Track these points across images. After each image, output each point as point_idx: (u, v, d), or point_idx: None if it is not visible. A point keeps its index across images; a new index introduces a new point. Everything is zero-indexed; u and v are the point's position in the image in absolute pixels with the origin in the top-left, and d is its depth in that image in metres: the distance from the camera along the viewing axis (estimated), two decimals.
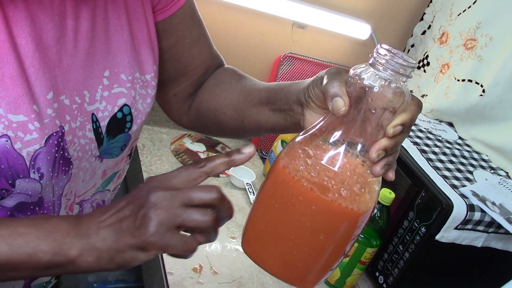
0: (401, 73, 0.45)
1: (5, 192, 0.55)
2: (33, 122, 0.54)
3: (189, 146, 1.41)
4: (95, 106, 0.62)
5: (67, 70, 0.59)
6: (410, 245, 1.03)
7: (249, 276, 1.04)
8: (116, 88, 0.64)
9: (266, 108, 0.69)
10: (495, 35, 1.27)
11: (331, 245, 0.50)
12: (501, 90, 1.22)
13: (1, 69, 0.52)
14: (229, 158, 0.54)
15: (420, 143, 1.17)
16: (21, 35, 0.53)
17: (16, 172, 0.54)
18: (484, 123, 1.28)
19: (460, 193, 1.01)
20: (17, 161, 0.54)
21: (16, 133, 0.53)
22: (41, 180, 0.57)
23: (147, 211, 0.49)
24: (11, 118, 0.52)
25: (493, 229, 1.02)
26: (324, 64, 1.56)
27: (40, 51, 0.55)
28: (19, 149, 0.53)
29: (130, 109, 0.66)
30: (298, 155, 0.49)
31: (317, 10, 1.42)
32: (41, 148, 0.55)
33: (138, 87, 0.67)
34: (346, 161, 0.47)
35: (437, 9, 1.49)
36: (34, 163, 0.55)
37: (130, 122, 0.67)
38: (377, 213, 1.03)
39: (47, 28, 0.56)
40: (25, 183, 0.56)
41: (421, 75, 1.51)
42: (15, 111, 0.53)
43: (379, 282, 1.11)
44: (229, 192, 1.27)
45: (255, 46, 1.47)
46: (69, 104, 0.59)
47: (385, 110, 0.46)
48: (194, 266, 1.01)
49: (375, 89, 0.45)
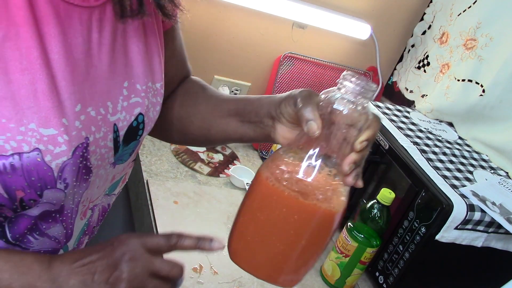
0: (364, 96, 0.54)
1: (33, 202, 0.57)
2: (62, 135, 0.56)
3: (189, 146, 1.40)
4: (117, 117, 0.64)
5: (93, 82, 0.60)
6: (410, 245, 1.03)
7: (249, 276, 1.04)
8: (133, 98, 0.66)
9: (234, 119, 0.75)
10: (495, 35, 1.27)
11: (316, 243, 0.58)
12: (501, 90, 1.22)
13: (34, 85, 0.53)
14: (198, 244, 0.64)
15: (420, 143, 1.16)
16: (53, 50, 0.55)
17: (44, 184, 0.56)
18: (484, 123, 1.28)
19: (460, 193, 1.01)
20: (46, 173, 0.56)
21: (47, 146, 0.55)
22: (65, 189, 0.59)
23: (120, 274, 0.57)
24: (42, 132, 0.54)
25: (493, 229, 1.02)
26: (324, 64, 1.56)
27: (70, 65, 0.57)
28: (48, 161, 0.55)
29: (144, 118, 0.69)
30: (279, 169, 0.56)
31: (317, 10, 1.43)
32: (68, 160, 0.57)
33: (150, 95, 0.69)
34: (321, 172, 0.55)
35: (437, 9, 1.49)
36: (61, 174, 0.57)
37: (142, 130, 0.70)
38: (377, 213, 1.03)
39: (77, 42, 0.58)
40: (51, 193, 0.58)
41: (421, 75, 1.51)
42: (46, 125, 0.54)
43: (379, 282, 1.11)
44: (229, 192, 1.27)
45: (255, 46, 1.47)
46: (95, 115, 0.60)
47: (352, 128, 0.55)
48: (194, 266, 1.01)
49: (344, 111, 0.54)
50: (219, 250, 0.65)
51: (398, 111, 1.30)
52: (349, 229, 1.06)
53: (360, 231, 1.05)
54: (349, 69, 1.60)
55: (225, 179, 1.33)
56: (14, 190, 0.55)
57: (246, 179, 1.31)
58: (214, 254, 1.06)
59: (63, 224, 0.65)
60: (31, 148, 0.53)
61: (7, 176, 0.54)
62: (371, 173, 1.20)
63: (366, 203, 1.06)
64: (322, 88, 1.57)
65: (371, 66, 1.64)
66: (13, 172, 0.53)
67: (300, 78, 1.54)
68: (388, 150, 1.13)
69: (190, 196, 1.20)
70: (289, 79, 1.53)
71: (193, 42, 1.40)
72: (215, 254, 1.06)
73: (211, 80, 1.49)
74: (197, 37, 1.39)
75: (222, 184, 1.30)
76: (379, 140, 1.16)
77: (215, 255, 1.06)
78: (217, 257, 1.05)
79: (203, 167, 1.34)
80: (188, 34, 1.38)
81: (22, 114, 0.53)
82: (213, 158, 1.39)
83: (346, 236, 1.06)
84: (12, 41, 0.52)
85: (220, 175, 1.33)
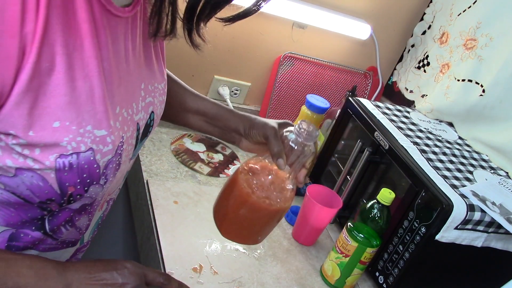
0: (310, 139, 0.79)
1: (79, 197, 0.63)
2: (110, 136, 0.62)
3: (189, 146, 1.40)
4: (139, 116, 0.71)
5: (124, 85, 0.67)
6: (410, 245, 1.03)
7: (249, 276, 1.04)
8: (147, 98, 0.73)
9: (201, 118, 0.91)
10: (495, 35, 1.27)
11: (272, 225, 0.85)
12: (501, 90, 1.22)
13: (92, 91, 0.59)
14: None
15: (420, 143, 1.16)
16: (105, 59, 0.61)
17: (92, 180, 0.63)
18: (484, 123, 1.27)
19: (460, 193, 1.01)
20: (95, 170, 0.62)
21: (98, 146, 0.61)
22: (104, 185, 0.66)
23: None
24: (96, 133, 0.60)
25: (493, 229, 1.02)
26: (324, 64, 1.56)
27: (114, 71, 0.64)
28: (98, 159, 0.62)
29: (154, 115, 0.76)
30: (251, 176, 0.80)
31: (317, 10, 1.43)
32: (112, 158, 0.64)
33: (157, 95, 0.76)
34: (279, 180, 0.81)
35: (437, 9, 1.49)
36: (105, 171, 0.64)
37: (151, 127, 0.77)
38: (377, 213, 1.03)
39: (116, 49, 0.64)
40: (94, 188, 0.64)
41: (421, 75, 1.51)
42: (99, 127, 0.61)
43: (379, 282, 1.11)
44: None
45: (255, 46, 1.47)
46: (126, 116, 0.67)
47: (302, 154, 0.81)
48: (194, 266, 1.01)
49: (296, 147, 0.80)
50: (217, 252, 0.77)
51: (398, 111, 1.30)
52: (349, 229, 1.06)
53: (360, 231, 1.05)
54: (349, 69, 1.60)
55: (225, 179, 1.33)
56: (67, 186, 0.61)
57: None
58: (214, 254, 1.06)
59: (88, 216, 0.72)
60: (87, 148, 0.59)
61: (64, 174, 0.59)
62: (371, 173, 1.20)
63: (366, 203, 1.06)
64: (322, 88, 1.57)
65: (371, 66, 1.64)
66: (70, 170, 0.59)
67: (300, 78, 1.54)
68: (388, 150, 1.13)
69: (190, 196, 1.20)
70: (289, 79, 1.53)
71: None
72: (215, 254, 1.06)
73: (211, 80, 1.49)
74: None
75: (222, 184, 1.30)
76: (379, 140, 1.16)
77: (215, 255, 1.06)
78: (217, 257, 1.05)
79: (203, 167, 1.34)
80: None
81: (82, 117, 0.58)
82: (213, 158, 1.39)
83: (346, 236, 1.06)
84: (78, 51, 0.57)
85: (220, 175, 1.33)
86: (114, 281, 0.65)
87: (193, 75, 1.46)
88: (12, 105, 0.53)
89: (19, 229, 0.64)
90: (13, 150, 0.56)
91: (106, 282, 0.64)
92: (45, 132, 0.56)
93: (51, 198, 0.61)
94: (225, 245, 1.09)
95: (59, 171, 0.59)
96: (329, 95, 1.59)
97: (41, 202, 0.61)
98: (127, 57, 0.67)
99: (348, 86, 1.61)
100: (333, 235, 1.27)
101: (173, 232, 1.07)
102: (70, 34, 0.56)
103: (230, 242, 1.11)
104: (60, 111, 0.56)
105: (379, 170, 1.19)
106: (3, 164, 0.57)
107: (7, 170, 0.58)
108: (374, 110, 1.25)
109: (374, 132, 1.17)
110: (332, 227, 1.30)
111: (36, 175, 0.58)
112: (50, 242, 0.69)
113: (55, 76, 0.55)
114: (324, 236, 1.25)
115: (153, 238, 1.06)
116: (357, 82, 1.63)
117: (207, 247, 1.07)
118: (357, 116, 1.25)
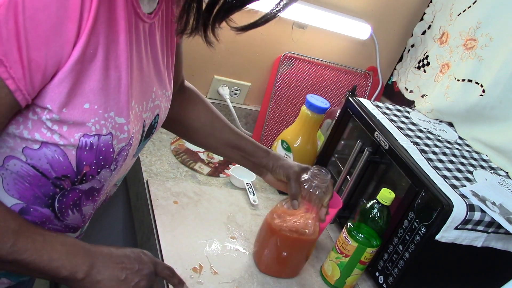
0: (323, 183, 0.99)
1: (91, 178, 0.69)
2: (127, 125, 0.69)
3: (189, 146, 1.40)
4: (146, 115, 0.77)
5: (140, 83, 0.73)
6: (410, 245, 1.03)
7: (249, 276, 1.04)
8: (156, 101, 0.79)
9: (236, 152, 1.05)
10: (495, 35, 1.27)
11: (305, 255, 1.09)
12: (501, 90, 1.22)
13: (120, 81, 0.66)
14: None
15: (420, 143, 1.16)
16: (132, 55, 0.69)
17: (105, 163, 0.69)
18: (484, 123, 1.27)
19: (460, 193, 1.01)
20: (110, 154, 0.68)
21: (116, 132, 0.67)
22: (114, 170, 0.72)
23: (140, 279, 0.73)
24: (117, 120, 0.67)
25: (493, 229, 1.02)
26: (324, 64, 1.56)
27: (136, 68, 0.71)
28: (114, 145, 0.68)
29: (158, 118, 0.82)
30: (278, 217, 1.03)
31: (317, 10, 1.43)
32: (125, 146, 0.70)
33: (164, 100, 0.83)
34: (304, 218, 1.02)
35: (437, 9, 1.49)
36: (118, 157, 0.70)
37: (155, 129, 0.84)
38: (377, 213, 1.03)
39: (138, 50, 0.71)
40: (105, 172, 0.71)
41: (421, 75, 1.51)
42: (120, 115, 0.67)
43: (379, 282, 1.11)
44: (229, 192, 1.27)
45: (255, 46, 1.47)
46: (138, 111, 0.73)
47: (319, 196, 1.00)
48: (194, 266, 1.01)
49: (314, 191, 0.99)
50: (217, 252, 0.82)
51: (398, 111, 1.30)
52: (349, 229, 1.06)
53: (360, 231, 1.05)
54: (349, 69, 1.60)
55: (225, 179, 1.33)
56: (84, 165, 0.67)
57: (246, 179, 1.31)
58: (214, 254, 1.06)
59: (94, 204, 0.77)
60: (107, 131, 0.66)
61: (84, 152, 0.65)
62: (371, 173, 1.20)
63: (366, 203, 1.06)
64: (322, 88, 1.57)
65: (371, 66, 1.64)
66: (90, 149, 0.65)
67: (300, 78, 1.54)
68: (388, 150, 1.13)
69: (190, 196, 1.20)
70: (289, 79, 1.53)
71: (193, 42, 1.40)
72: (215, 254, 1.06)
73: (211, 80, 1.49)
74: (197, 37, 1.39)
75: (222, 184, 1.30)
76: (379, 140, 1.16)
77: (215, 255, 1.06)
78: (217, 257, 1.05)
79: (203, 167, 1.34)
80: None
81: (108, 103, 0.65)
82: (213, 158, 1.39)
83: (346, 236, 1.06)
84: (114, 43, 0.64)
85: (220, 175, 1.33)
86: (131, 266, 0.72)
87: (193, 75, 1.46)
88: (57, 82, 0.59)
89: (30, 204, 0.69)
90: (44, 124, 0.62)
91: (125, 266, 0.72)
92: (76, 111, 0.62)
93: (66, 174, 0.66)
94: (225, 245, 1.09)
95: (80, 149, 0.64)
96: (329, 95, 1.59)
97: (57, 178, 0.67)
98: (147, 59, 0.74)
99: (348, 86, 1.61)
100: (333, 235, 1.27)
101: (173, 232, 1.07)
102: (111, 27, 0.63)
103: (230, 242, 1.11)
104: (92, 94, 0.63)
105: (379, 170, 1.19)
106: (31, 137, 0.62)
107: (33, 142, 0.63)
108: (374, 110, 1.25)
109: (374, 132, 1.17)
110: (332, 227, 1.30)
111: (59, 150, 0.64)
112: (55, 223, 0.74)
113: (95, 63, 0.62)
114: (324, 236, 1.25)
115: (153, 238, 1.06)
116: (357, 82, 1.63)
117: (207, 247, 1.07)
118: (357, 116, 1.25)
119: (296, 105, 1.56)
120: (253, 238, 1.12)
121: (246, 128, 1.58)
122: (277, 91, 1.52)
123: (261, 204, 1.27)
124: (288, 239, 1.01)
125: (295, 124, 1.37)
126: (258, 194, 1.30)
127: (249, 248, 1.11)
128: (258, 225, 1.10)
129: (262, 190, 1.34)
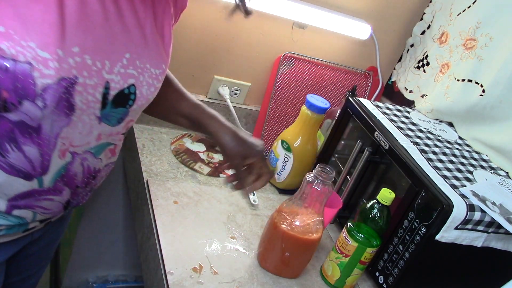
0: (328, 180, 1.01)
1: (13, 107, 0.68)
2: (54, 62, 0.67)
3: (189, 146, 1.40)
4: (111, 77, 0.75)
5: (98, 38, 0.72)
6: (410, 245, 1.03)
7: (249, 276, 1.04)
8: (130, 69, 0.78)
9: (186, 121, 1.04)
10: (495, 35, 1.27)
11: (308, 255, 1.10)
12: (501, 90, 1.22)
13: (44, 14, 0.65)
14: None
15: (420, 143, 1.16)
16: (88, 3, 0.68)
17: (26, 94, 0.67)
18: (484, 123, 1.27)
19: (460, 193, 1.01)
20: (30, 85, 0.67)
21: (38, 65, 0.66)
22: (43, 109, 0.69)
23: None
24: (39, 52, 0.66)
25: (493, 229, 1.02)
26: (324, 64, 1.56)
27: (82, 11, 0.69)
28: (36, 77, 0.66)
29: (136, 90, 0.81)
30: (283, 215, 1.05)
31: (317, 10, 1.43)
32: (52, 84, 0.68)
33: (146, 76, 0.81)
34: (306, 216, 1.05)
35: (437, 9, 1.49)
36: (42, 94, 0.68)
37: (133, 101, 0.81)
38: (377, 213, 1.03)
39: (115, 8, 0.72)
40: (29, 105, 0.68)
41: (421, 75, 1.51)
42: (43, 48, 0.66)
43: (379, 282, 1.11)
44: (229, 192, 1.27)
45: (255, 46, 1.47)
46: (90, 64, 0.72)
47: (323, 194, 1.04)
48: (194, 266, 1.01)
49: (317, 188, 1.02)
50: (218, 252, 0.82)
51: (398, 111, 1.30)
52: (349, 229, 1.06)
53: (360, 231, 1.05)
54: (349, 69, 1.60)
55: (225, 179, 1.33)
56: (1, 89, 0.66)
57: None
58: (214, 254, 1.06)
59: (39, 149, 0.74)
60: (26, 60, 0.65)
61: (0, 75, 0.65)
62: (371, 173, 1.20)
63: (366, 203, 1.06)
64: (322, 88, 1.57)
65: (371, 66, 1.64)
66: (5, 73, 0.65)
67: (300, 78, 1.54)
68: (388, 150, 1.13)
69: (190, 196, 1.20)
70: (289, 79, 1.53)
71: (193, 42, 1.40)
72: (215, 254, 1.06)
73: (211, 80, 1.49)
74: (197, 37, 1.39)
75: (222, 184, 1.30)
76: (379, 140, 1.16)
77: (215, 255, 1.06)
78: (217, 257, 1.05)
79: (203, 167, 1.34)
80: (188, 34, 1.38)
81: (26, 33, 0.65)
82: (213, 158, 1.39)
83: (346, 236, 1.06)
84: None
85: (220, 175, 1.33)
86: None
87: (193, 75, 1.46)
88: None
89: None
90: None
91: None
92: None
93: None
94: (225, 245, 1.09)
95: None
96: (329, 95, 1.59)
97: None
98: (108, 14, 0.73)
99: (348, 86, 1.61)
100: (333, 235, 1.27)
101: (173, 232, 1.07)
102: None
103: (230, 242, 1.11)
104: (8, 19, 0.64)
105: (379, 170, 1.19)
106: None
107: None
108: (374, 110, 1.25)
109: (374, 132, 1.17)
110: (332, 227, 1.30)
111: None
112: None
113: None
114: (324, 236, 1.25)
115: (153, 238, 1.06)
116: (357, 82, 1.63)
117: (207, 247, 1.07)
118: (357, 116, 1.25)
119: (296, 105, 1.56)
120: (253, 238, 1.12)
121: (246, 128, 1.58)
122: (277, 91, 1.52)
123: (261, 204, 1.27)
124: (293, 238, 1.03)
125: (295, 124, 1.37)
126: (258, 194, 1.30)
127: (249, 248, 1.11)
128: (258, 225, 1.10)
129: (262, 190, 1.34)
